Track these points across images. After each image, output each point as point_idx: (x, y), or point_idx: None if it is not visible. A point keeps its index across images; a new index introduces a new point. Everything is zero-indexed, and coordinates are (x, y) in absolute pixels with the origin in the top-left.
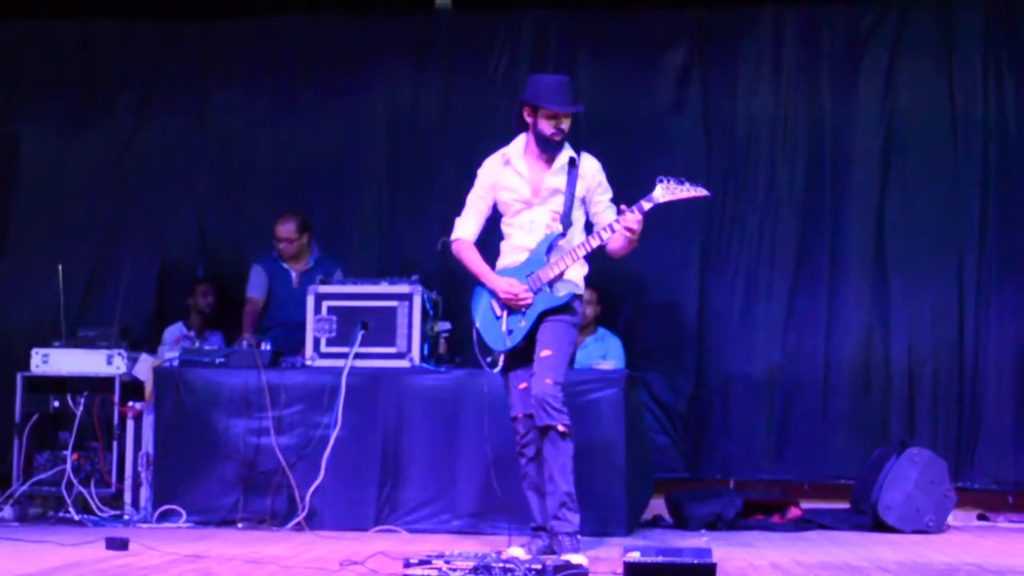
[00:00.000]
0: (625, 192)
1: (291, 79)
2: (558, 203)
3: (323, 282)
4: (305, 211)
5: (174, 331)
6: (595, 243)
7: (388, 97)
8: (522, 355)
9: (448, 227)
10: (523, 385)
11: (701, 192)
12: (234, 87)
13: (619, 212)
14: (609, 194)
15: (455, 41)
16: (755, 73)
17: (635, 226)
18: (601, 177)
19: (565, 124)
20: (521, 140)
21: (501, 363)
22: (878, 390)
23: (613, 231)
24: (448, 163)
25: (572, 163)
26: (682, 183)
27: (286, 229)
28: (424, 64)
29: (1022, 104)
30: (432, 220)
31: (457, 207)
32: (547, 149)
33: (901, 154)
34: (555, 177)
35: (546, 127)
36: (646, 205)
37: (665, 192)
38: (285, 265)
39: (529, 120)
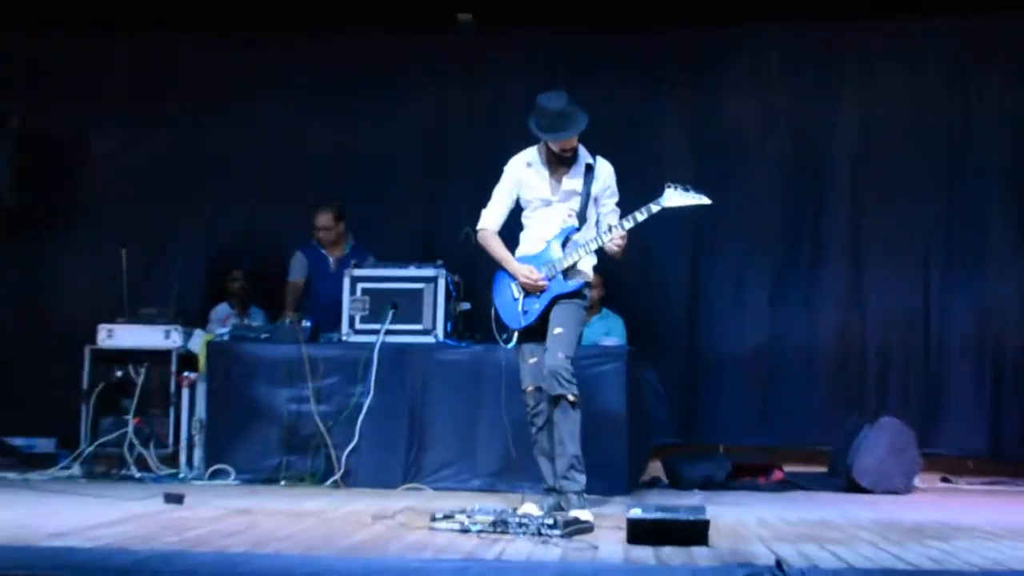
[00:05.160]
0: (629, 196)
1: (330, 90)
2: (575, 202)
3: (357, 266)
4: (342, 203)
5: (220, 311)
6: (595, 245)
7: (416, 105)
8: (534, 334)
9: (468, 219)
10: (533, 359)
11: (704, 200)
12: (280, 98)
13: (608, 230)
14: (615, 198)
15: (477, 53)
16: (740, 86)
17: (621, 242)
18: (612, 182)
19: (571, 144)
20: (543, 147)
21: (515, 339)
22: (854, 365)
23: (602, 241)
24: (471, 163)
25: (589, 168)
26: (688, 190)
27: (324, 218)
28: (448, 74)
29: (981, 109)
30: (454, 212)
31: (476, 202)
32: (563, 162)
33: (876, 153)
34: (573, 180)
35: (554, 147)
36: (654, 208)
37: (673, 196)
38: (323, 252)
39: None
